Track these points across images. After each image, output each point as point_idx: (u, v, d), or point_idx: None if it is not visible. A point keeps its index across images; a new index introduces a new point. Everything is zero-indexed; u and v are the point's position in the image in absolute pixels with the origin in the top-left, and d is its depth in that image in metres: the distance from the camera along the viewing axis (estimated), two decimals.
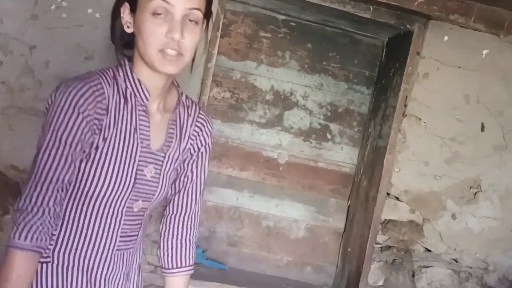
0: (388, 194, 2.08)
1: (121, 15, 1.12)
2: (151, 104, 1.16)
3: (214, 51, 1.98)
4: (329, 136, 2.31)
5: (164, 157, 1.18)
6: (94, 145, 1.08)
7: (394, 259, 2.13)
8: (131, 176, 1.12)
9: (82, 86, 1.06)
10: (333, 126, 2.31)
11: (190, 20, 1.09)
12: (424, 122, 2.06)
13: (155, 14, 1.06)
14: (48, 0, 1.81)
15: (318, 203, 2.32)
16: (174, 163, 1.21)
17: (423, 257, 2.14)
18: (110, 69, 1.14)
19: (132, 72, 1.13)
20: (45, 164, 1.03)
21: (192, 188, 1.27)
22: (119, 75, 1.13)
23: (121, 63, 1.15)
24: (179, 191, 1.26)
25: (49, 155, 1.03)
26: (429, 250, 2.13)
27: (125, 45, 1.16)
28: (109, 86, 1.10)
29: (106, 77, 1.11)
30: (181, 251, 1.26)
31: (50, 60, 1.83)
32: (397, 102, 2.04)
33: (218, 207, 2.26)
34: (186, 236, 1.27)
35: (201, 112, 1.27)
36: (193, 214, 1.28)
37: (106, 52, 1.83)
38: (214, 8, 1.88)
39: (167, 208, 1.28)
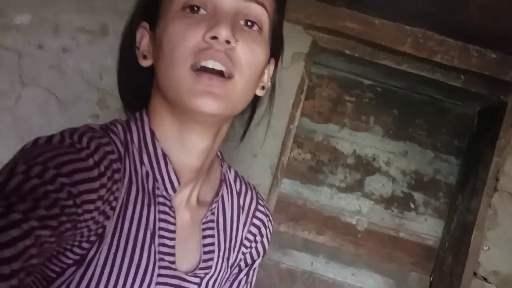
0: (475, 273, 1.93)
1: (137, 44, 0.70)
2: (179, 195, 0.71)
3: (297, 113, 1.99)
4: (412, 206, 2.21)
5: (200, 285, 0.72)
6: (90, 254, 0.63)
7: None
8: None
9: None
10: (417, 196, 2.21)
11: (248, 24, 0.66)
12: None
13: (187, 8, 0.65)
14: None
15: (398, 275, 2.19)
16: None
17: None
18: (119, 129, 0.70)
19: (154, 137, 0.69)
20: None
21: None
22: (133, 141, 0.69)
23: (136, 118, 0.71)
24: None
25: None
26: None
27: (137, 98, 0.75)
28: (121, 158, 0.67)
29: (115, 142, 0.68)
30: None
31: None
32: (488, 175, 1.92)
33: (292, 270, 2.20)
34: None
35: (260, 202, 0.82)
36: None
37: None
38: (299, 71, 1.91)
39: None
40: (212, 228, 0.74)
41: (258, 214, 0.81)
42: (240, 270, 0.80)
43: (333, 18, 1.88)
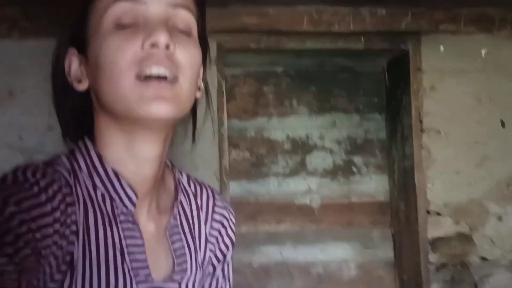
0: (428, 212, 2.06)
1: (66, 70, 0.72)
2: (141, 204, 0.72)
3: (224, 116, 2.03)
4: (355, 170, 2.31)
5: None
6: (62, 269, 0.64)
7: (453, 276, 2.07)
8: None
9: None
10: (357, 159, 2.31)
11: (180, 31, 0.70)
12: (443, 133, 2.07)
13: (120, 25, 0.66)
14: None
15: (362, 237, 2.29)
16: None
17: (481, 266, 2.08)
18: (62, 160, 0.72)
19: (102, 159, 0.70)
20: None
21: None
22: (80, 166, 0.71)
23: (80, 146, 0.73)
24: None
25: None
26: (485, 259, 2.07)
27: (78, 124, 0.76)
28: (70, 190, 0.68)
29: (62, 174, 0.70)
30: None
31: None
32: (412, 120, 2.06)
33: (264, 266, 2.24)
34: None
35: (216, 197, 0.85)
36: None
37: None
38: (214, 76, 1.95)
39: None
40: (178, 233, 0.76)
41: (217, 209, 0.84)
42: (215, 268, 0.82)
43: (230, 18, 1.94)
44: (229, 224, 0.85)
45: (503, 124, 2.08)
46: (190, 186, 0.82)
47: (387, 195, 2.30)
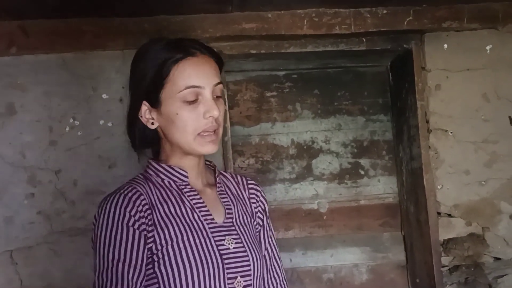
0: (438, 213, 2.02)
1: (140, 115, 1.13)
2: (196, 182, 1.15)
3: (227, 124, 2.01)
4: (362, 172, 2.28)
5: (234, 226, 1.14)
6: (158, 243, 1.05)
7: (466, 278, 2.04)
8: (214, 252, 1.06)
9: (115, 197, 1.06)
10: (364, 161, 2.28)
11: (217, 96, 1.11)
12: (451, 133, 2.03)
13: (188, 101, 1.08)
14: (61, 124, 1.89)
15: (372, 241, 2.26)
16: (250, 228, 1.17)
17: (495, 267, 2.04)
18: (139, 175, 1.16)
19: (161, 164, 1.14)
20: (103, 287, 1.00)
21: (274, 255, 1.23)
22: (150, 174, 1.14)
23: (147, 165, 1.17)
24: (267, 272, 1.21)
25: (103, 276, 1.01)
26: (498, 259, 2.03)
27: (147, 144, 1.18)
28: (144, 186, 1.11)
29: (137, 181, 1.12)
30: None
31: (77, 179, 1.88)
32: (418, 120, 2.02)
33: None
34: None
35: (248, 179, 1.27)
36: (283, 281, 1.24)
37: (127, 156, 1.87)
38: None
39: None
40: (224, 192, 1.19)
41: (250, 183, 1.26)
42: (262, 221, 1.23)
43: (229, 24, 1.91)
44: (261, 193, 1.27)
45: (511, 121, 2.05)
46: (227, 173, 1.27)
47: (396, 197, 2.27)
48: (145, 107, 1.13)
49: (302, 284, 2.22)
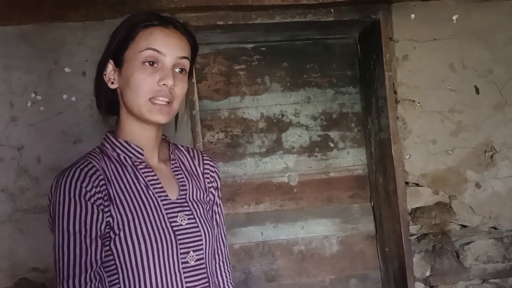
0: (406, 183, 2.04)
1: (104, 74, 1.14)
2: (151, 158, 1.17)
3: (194, 97, 1.98)
4: (331, 145, 2.28)
5: (187, 202, 1.16)
6: (115, 219, 1.06)
7: (434, 245, 2.07)
8: (168, 229, 1.09)
9: (71, 172, 1.06)
10: (333, 134, 2.28)
11: (180, 70, 1.11)
12: (418, 103, 2.04)
13: (146, 63, 1.08)
14: (23, 99, 1.83)
15: (342, 212, 2.27)
16: (202, 204, 1.20)
17: (462, 234, 2.08)
18: (96, 148, 1.16)
19: (117, 138, 1.15)
20: (64, 261, 1.01)
21: (220, 232, 1.27)
22: (106, 147, 1.15)
23: (104, 137, 1.18)
24: None
25: (64, 250, 1.02)
26: (465, 226, 2.08)
27: (110, 110, 1.18)
28: (99, 160, 1.11)
29: (93, 155, 1.12)
30: None
31: (40, 155, 1.83)
32: (386, 91, 2.03)
33: (246, 247, 2.22)
34: (226, 281, 1.26)
35: (204, 154, 1.29)
36: (226, 258, 1.28)
37: (92, 131, 1.83)
38: None
39: None
40: (179, 169, 1.21)
41: (206, 160, 1.28)
42: (214, 196, 1.27)
43: None
44: (215, 169, 1.29)
45: (477, 91, 2.07)
46: (183, 148, 1.28)
47: (365, 169, 2.28)
48: (110, 66, 1.14)
49: (274, 257, 2.23)
